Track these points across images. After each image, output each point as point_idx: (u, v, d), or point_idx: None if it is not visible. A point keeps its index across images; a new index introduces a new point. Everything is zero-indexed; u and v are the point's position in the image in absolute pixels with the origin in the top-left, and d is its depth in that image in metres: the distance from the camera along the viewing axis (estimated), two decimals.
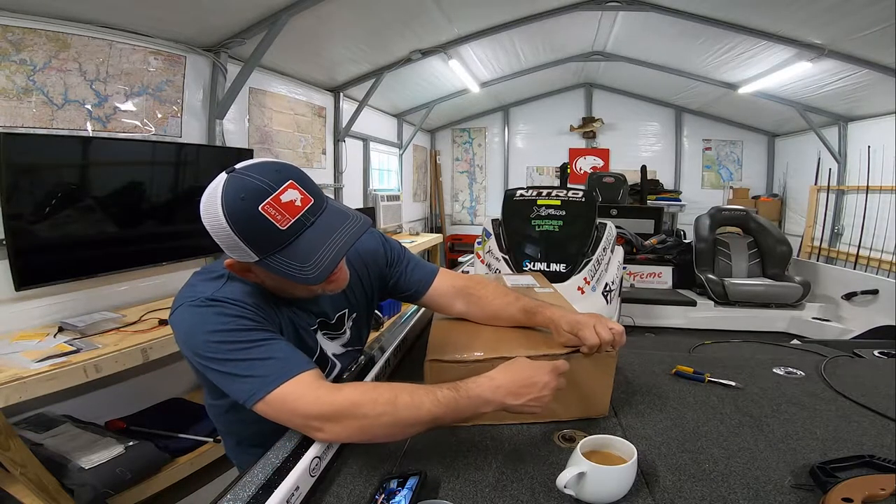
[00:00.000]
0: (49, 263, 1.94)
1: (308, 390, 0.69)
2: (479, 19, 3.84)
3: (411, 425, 0.70)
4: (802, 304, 3.42)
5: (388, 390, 0.69)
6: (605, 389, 0.91)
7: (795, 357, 1.40)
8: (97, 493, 1.64)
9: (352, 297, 0.98)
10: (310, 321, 0.90)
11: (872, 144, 4.27)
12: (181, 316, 0.74)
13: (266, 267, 0.71)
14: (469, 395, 0.70)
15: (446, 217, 7.30)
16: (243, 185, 0.68)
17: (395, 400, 0.68)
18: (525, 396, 0.71)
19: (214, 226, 0.70)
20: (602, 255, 2.22)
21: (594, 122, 6.68)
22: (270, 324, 0.77)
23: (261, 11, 2.69)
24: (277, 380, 0.68)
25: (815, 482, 0.70)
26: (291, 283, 0.76)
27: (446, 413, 0.69)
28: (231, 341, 0.70)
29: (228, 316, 0.72)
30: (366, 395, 0.69)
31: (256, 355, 0.70)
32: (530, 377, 0.71)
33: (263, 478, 0.66)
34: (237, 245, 0.69)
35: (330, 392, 0.69)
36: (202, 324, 0.72)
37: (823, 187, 4.95)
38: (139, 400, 2.32)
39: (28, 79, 1.97)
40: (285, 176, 0.70)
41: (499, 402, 0.71)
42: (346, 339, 0.99)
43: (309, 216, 0.71)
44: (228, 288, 0.77)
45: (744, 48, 3.93)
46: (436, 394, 0.69)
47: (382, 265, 1.02)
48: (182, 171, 2.58)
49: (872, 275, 3.70)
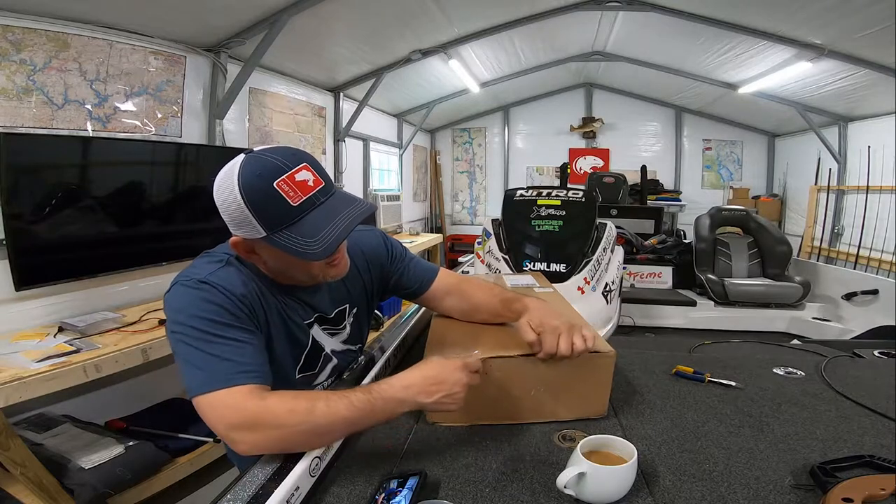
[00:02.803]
0: (49, 263, 1.94)
1: (236, 401, 0.67)
2: (479, 19, 3.84)
3: (329, 432, 0.71)
4: (802, 304, 3.42)
5: (305, 399, 0.69)
6: (604, 390, 0.91)
7: (795, 357, 1.40)
8: (97, 493, 1.64)
9: (353, 291, 0.99)
10: (305, 315, 0.90)
11: (872, 144, 4.27)
12: (173, 293, 0.76)
13: (272, 243, 0.73)
14: (383, 397, 0.71)
15: (446, 217, 7.30)
16: (261, 164, 0.72)
17: (312, 408, 0.68)
18: (436, 394, 0.72)
19: (228, 200, 0.72)
20: (602, 256, 2.22)
21: (594, 122, 6.68)
22: (253, 318, 0.77)
23: (261, 11, 2.69)
24: (217, 383, 0.68)
25: (815, 482, 0.70)
26: (293, 264, 0.78)
27: (362, 417, 0.70)
28: (201, 329, 0.71)
29: (210, 303, 0.73)
30: (284, 404, 0.68)
31: (216, 352, 0.70)
32: (439, 375, 0.72)
33: (263, 478, 0.66)
34: (247, 220, 0.71)
35: (252, 402, 0.67)
36: (185, 305, 0.73)
37: (823, 187, 4.95)
38: (139, 400, 2.32)
39: (28, 79, 1.97)
40: (300, 158, 0.74)
41: (412, 400, 0.72)
42: (346, 335, 0.99)
43: (319, 196, 0.74)
44: (224, 272, 0.78)
45: (744, 48, 3.93)
46: (350, 399, 0.69)
47: (384, 262, 1.04)
48: (182, 171, 2.58)
49: (872, 275, 3.70)
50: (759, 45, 3.75)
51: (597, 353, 0.87)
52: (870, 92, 3.92)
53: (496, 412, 0.90)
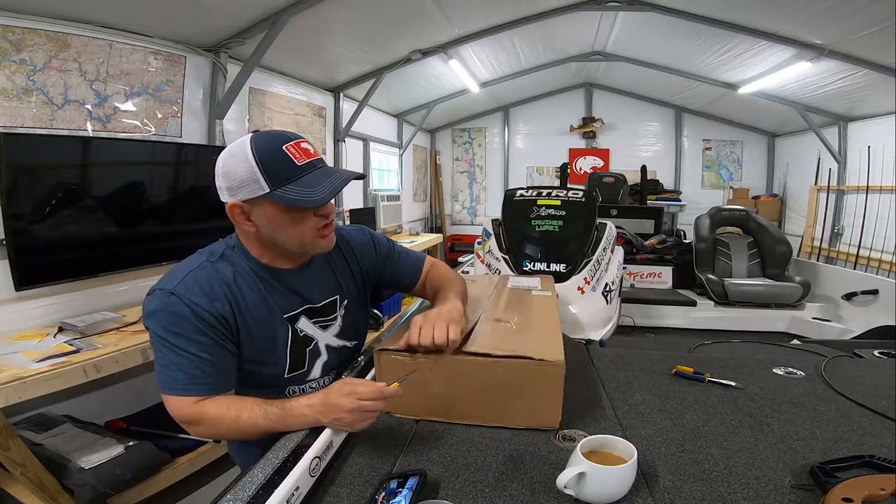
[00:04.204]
0: (49, 263, 1.94)
1: (182, 405, 0.82)
2: (479, 19, 3.84)
3: (252, 434, 0.83)
4: (802, 304, 3.41)
5: (235, 410, 0.82)
6: (554, 400, 0.88)
7: (795, 357, 1.40)
8: (97, 493, 1.64)
9: (343, 282, 1.04)
10: (290, 304, 0.95)
11: (872, 144, 4.27)
12: (149, 299, 0.85)
13: (274, 198, 0.82)
14: (293, 413, 0.80)
15: (446, 217, 7.30)
16: (272, 133, 0.86)
17: (237, 417, 0.81)
18: (331, 416, 0.78)
19: (237, 162, 0.83)
20: (602, 255, 2.22)
21: (594, 123, 6.68)
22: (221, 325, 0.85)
23: (261, 11, 2.69)
24: (170, 390, 0.82)
25: (815, 482, 0.70)
26: (286, 226, 0.87)
27: (276, 425, 0.81)
28: (164, 338, 0.82)
29: (175, 315, 0.82)
30: (217, 412, 0.82)
31: (174, 360, 0.81)
32: (334, 401, 0.78)
33: (263, 478, 0.66)
34: (254, 178, 0.82)
35: (194, 409, 0.82)
36: (155, 312, 0.83)
37: (823, 187, 4.95)
38: (139, 400, 2.32)
39: (28, 79, 1.97)
40: (301, 137, 0.88)
41: (313, 418, 0.80)
42: (338, 328, 1.03)
43: (317, 163, 0.87)
44: (203, 274, 0.86)
45: (744, 48, 3.93)
46: (267, 411, 0.81)
47: (374, 257, 1.10)
48: (182, 171, 2.58)
49: (872, 275, 3.70)
50: (759, 45, 3.75)
51: (543, 362, 0.85)
52: (870, 92, 3.91)
53: (443, 410, 0.91)
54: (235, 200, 0.85)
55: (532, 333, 1.01)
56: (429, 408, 0.92)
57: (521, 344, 0.92)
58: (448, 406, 0.91)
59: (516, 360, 0.86)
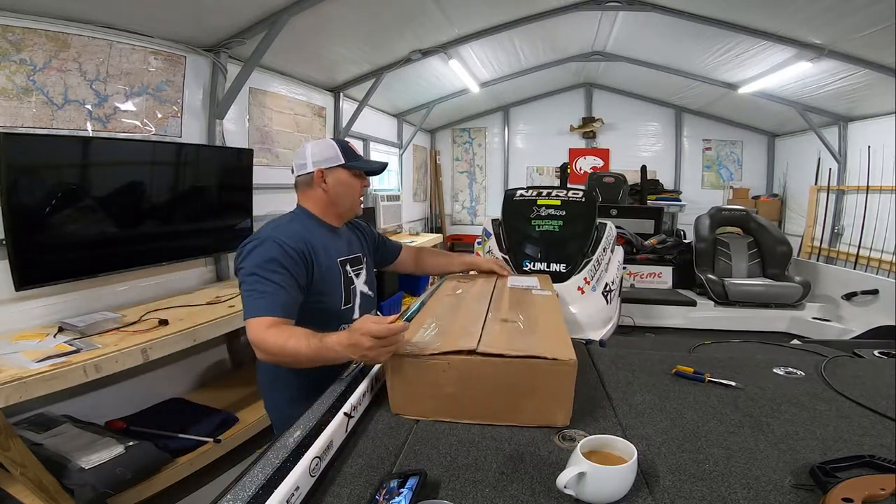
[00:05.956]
0: (49, 263, 1.94)
1: (258, 327, 1.03)
2: (479, 19, 3.84)
3: (294, 358, 1.00)
4: (802, 304, 3.41)
5: (285, 336, 1.00)
6: (565, 399, 0.88)
7: (795, 357, 1.40)
8: (97, 493, 1.64)
9: (363, 244, 1.46)
10: (339, 251, 1.32)
11: (872, 144, 4.27)
12: (248, 246, 1.14)
13: (347, 166, 1.28)
14: (327, 346, 0.96)
15: (446, 217, 7.30)
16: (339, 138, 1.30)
17: (285, 342, 0.99)
18: (357, 353, 0.92)
19: (325, 145, 1.29)
20: (602, 255, 2.22)
21: (594, 122, 6.68)
22: (301, 260, 1.15)
23: (261, 11, 2.69)
24: (252, 313, 1.06)
25: (815, 482, 0.70)
26: (350, 188, 1.31)
27: (314, 354, 0.97)
28: (255, 273, 1.08)
29: (268, 254, 1.10)
30: (275, 336, 1.01)
31: (260, 289, 1.07)
32: (355, 340, 0.91)
33: (263, 478, 0.66)
34: (334, 153, 1.27)
35: (265, 332, 1.02)
36: (253, 253, 1.12)
37: (823, 187, 4.95)
38: (139, 400, 2.32)
39: (28, 79, 1.97)
40: None
41: (343, 353, 0.94)
42: (365, 276, 1.39)
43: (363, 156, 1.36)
44: (289, 228, 1.20)
45: (744, 48, 3.93)
46: (309, 341, 0.98)
47: (373, 236, 1.56)
48: (182, 171, 2.58)
49: (872, 275, 3.70)
50: (759, 45, 3.75)
51: (557, 361, 0.86)
52: (870, 92, 3.91)
53: (453, 410, 0.91)
54: (318, 169, 1.26)
55: (541, 333, 1.02)
56: (438, 408, 0.91)
57: (532, 344, 0.92)
58: (458, 406, 0.90)
59: (530, 360, 0.86)
